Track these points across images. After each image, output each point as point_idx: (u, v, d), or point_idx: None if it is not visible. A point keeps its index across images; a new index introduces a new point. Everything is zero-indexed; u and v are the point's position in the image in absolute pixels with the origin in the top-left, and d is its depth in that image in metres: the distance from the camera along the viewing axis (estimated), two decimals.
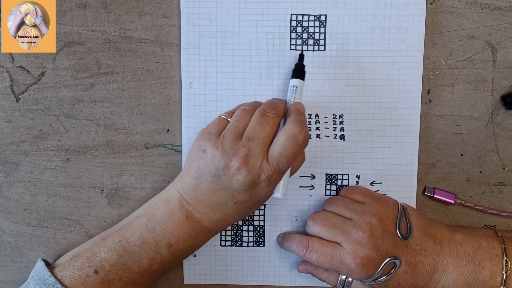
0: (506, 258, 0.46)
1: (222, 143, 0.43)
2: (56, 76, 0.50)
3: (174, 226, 0.44)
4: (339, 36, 0.50)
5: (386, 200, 0.48)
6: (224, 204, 0.44)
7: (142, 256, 0.44)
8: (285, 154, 0.43)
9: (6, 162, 0.51)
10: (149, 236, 0.44)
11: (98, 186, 0.52)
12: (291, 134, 0.43)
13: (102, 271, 0.43)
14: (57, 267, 0.45)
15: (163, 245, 0.44)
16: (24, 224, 0.52)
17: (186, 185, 0.45)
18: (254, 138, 0.43)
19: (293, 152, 0.43)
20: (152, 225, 0.45)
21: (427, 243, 0.46)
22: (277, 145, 0.43)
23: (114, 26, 0.50)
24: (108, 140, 0.51)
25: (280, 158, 0.43)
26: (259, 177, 0.43)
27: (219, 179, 0.43)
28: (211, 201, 0.44)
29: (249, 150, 0.42)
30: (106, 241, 0.45)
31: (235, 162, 0.42)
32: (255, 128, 0.43)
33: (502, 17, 0.49)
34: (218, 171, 0.43)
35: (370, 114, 0.50)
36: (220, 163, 0.43)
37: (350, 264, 0.44)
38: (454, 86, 0.50)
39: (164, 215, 0.45)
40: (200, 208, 0.44)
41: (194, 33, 0.50)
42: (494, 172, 0.51)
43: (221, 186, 0.43)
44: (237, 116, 0.45)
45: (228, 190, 0.43)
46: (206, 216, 0.45)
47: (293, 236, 0.48)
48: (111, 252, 0.44)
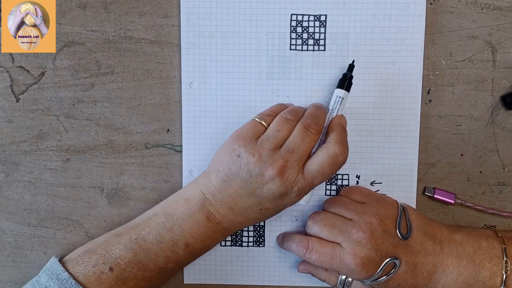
0: (506, 258, 0.46)
1: (259, 150, 0.43)
2: (56, 76, 0.50)
3: (193, 226, 0.44)
4: (339, 36, 0.50)
5: (386, 200, 0.48)
6: (249, 209, 0.44)
7: (159, 255, 0.44)
8: (322, 172, 0.43)
9: (6, 162, 0.51)
10: (167, 235, 0.44)
11: (98, 186, 0.52)
12: (332, 154, 0.43)
13: (117, 269, 0.43)
14: (68, 263, 0.45)
15: (180, 244, 0.44)
16: (24, 224, 0.52)
17: (212, 185, 0.44)
18: (293, 151, 0.43)
19: (331, 171, 0.44)
20: (170, 224, 0.45)
21: (427, 243, 0.46)
22: (315, 162, 0.43)
23: (114, 26, 0.50)
24: (108, 140, 0.51)
25: (316, 175, 0.43)
26: (292, 190, 0.43)
27: (250, 185, 0.43)
28: (236, 204, 0.44)
29: (287, 162, 0.43)
30: (121, 238, 0.45)
31: (270, 172, 0.42)
32: (296, 141, 0.43)
33: (502, 17, 0.49)
34: (251, 178, 0.43)
35: (370, 114, 0.50)
36: (255, 170, 0.42)
37: (350, 264, 0.44)
38: (454, 86, 0.50)
39: (184, 214, 0.45)
40: (223, 210, 0.44)
41: (194, 33, 0.50)
42: (494, 172, 0.51)
43: (250, 192, 0.43)
44: (278, 126, 0.44)
45: (256, 197, 0.43)
46: (228, 218, 0.45)
47: (293, 236, 0.48)
48: (127, 250, 0.44)
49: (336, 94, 0.48)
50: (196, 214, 0.45)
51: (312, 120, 0.45)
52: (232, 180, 0.43)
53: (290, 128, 0.44)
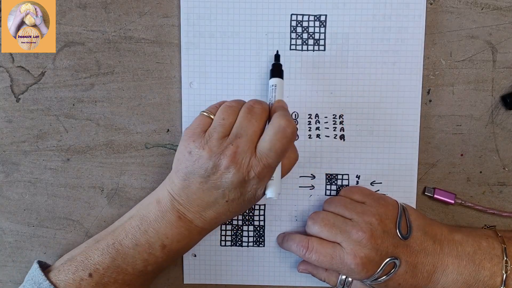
0: (506, 258, 0.46)
1: (208, 143, 0.42)
2: (56, 76, 0.50)
3: (167, 227, 0.44)
4: (339, 36, 0.50)
5: (386, 200, 0.48)
6: (216, 203, 0.44)
7: (136, 258, 0.44)
8: (274, 149, 0.42)
9: (6, 162, 0.51)
10: (142, 238, 0.44)
11: (98, 186, 0.52)
12: (278, 127, 0.42)
13: (97, 274, 0.43)
14: (52, 271, 0.45)
15: (156, 246, 0.44)
16: (24, 224, 0.52)
17: (176, 186, 0.44)
18: (242, 135, 0.42)
19: (282, 146, 0.42)
20: (145, 227, 0.45)
21: (427, 243, 0.46)
22: (265, 140, 0.42)
23: (114, 26, 0.50)
24: (108, 140, 0.51)
25: (269, 153, 0.42)
26: (248, 174, 0.42)
27: (208, 179, 0.43)
28: (202, 200, 0.44)
29: (237, 147, 0.42)
30: (99, 244, 0.45)
31: (223, 161, 0.42)
32: (242, 124, 0.43)
33: (502, 17, 0.49)
34: (207, 172, 0.42)
35: (370, 114, 0.50)
36: (208, 164, 0.42)
37: (350, 264, 0.44)
38: (454, 86, 0.50)
39: (156, 216, 0.45)
40: (192, 208, 0.44)
41: (194, 33, 0.50)
42: (494, 172, 0.51)
43: (211, 186, 0.43)
44: (223, 114, 0.44)
45: (218, 189, 0.43)
46: (199, 215, 0.45)
47: (293, 236, 0.48)
48: (105, 255, 0.44)
49: (270, 84, 0.48)
50: (168, 215, 0.44)
51: (254, 101, 0.44)
52: (191, 178, 0.43)
53: (234, 114, 0.44)
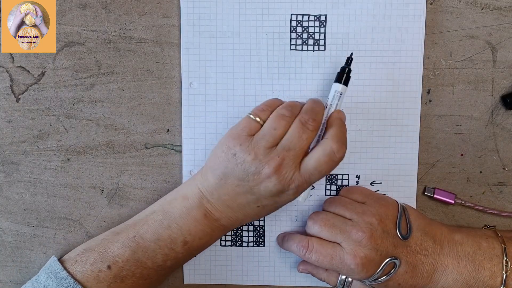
0: (506, 258, 0.46)
1: (255, 149, 0.42)
2: (56, 76, 0.50)
3: (191, 224, 0.44)
4: (339, 36, 0.50)
5: (386, 200, 0.48)
6: (247, 206, 0.44)
7: (157, 253, 0.44)
8: (319, 169, 0.43)
9: (6, 162, 0.51)
10: (165, 233, 0.44)
11: (98, 186, 0.52)
12: (329, 151, 0.42)
13: (115, 267, 0.43)
14: (67, 261, 0.45)
15: (178, 242, 0.44)
16: (24, 224, 0.52)
17: (209, 184, 0.44)
18: (290, 149, 0.42)
19: (328, 168, 0.43)
20: (168, 222, 0.44)
21: (427, 243, 0.46)
22: (312, 159, 0.43)
23: (114, 26, 0.50)
24: (108, 140, 0.51)
25: (313, 172, 0.43)
26: (289, 187, 0.43)
27: (247, 183, 0.43)
28: (233, 202, 0.44)
29: (283, 160, 0.42)
30: (119, 236, 0.45)
31: (267, 170, 0.42)
32: (292, 139, 0.43)
33: (502, 17, 0.49)
34: (247, 176, 0.42)
35: (370, 114, 0.50)
36: (251, 169, 0.42)
37: (350, 264, 0.44)
38: (454, 86, 0.50)
39: (182, 212, 0.45)
40: (221, 208, 0.44)
41: (194, 33, 0.50)
42: (494, 172, 0.51)
43: (247, 190, 0.43)
44: (274, 123, 0.43)
45: (253, 194, 0.43)
46: (226, 215, 0.45)
47: (293, 236, 0.48)
48: (125, 248, 0.44)
49: (334, 89, 0.47)
50: (194, 211, 0.44)
51: (309, 116, 0.44)
52: (228, 178, 0.43)
53: (286, 125, 0.43)
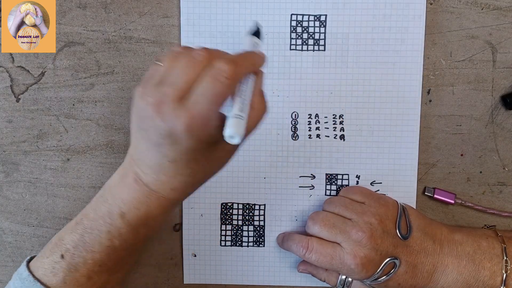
0: (506, 258, 0.46)
1: (144, 91, 0.37)
2: (56, 76, 0.50)
3: (123, 191, 0.40)
4: (339, 36, 0.50)
5: (386, 200, 0.48)
6: (161, 163, 0.38)
7: (100, 231, 0.41)
8: (205, 93, 0.35)
9: (6, 162, 0.51)
10: (103, 208, 0.41)
11: (98, 186, 0.52)
12: (214, 70, 0.35)
13: (67, 255, 0.41)
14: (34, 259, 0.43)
15: (115, 214, 0.41)
16: (24, 224, 0.52)
17: (132, 145, 0.41)
18: (172, 83, 0.36)
19: (215, 90, 0.35)
20: (106, 195, 0.41)
21: (427, 243, 0.46)
22: (196, 86, 0.36)
23: (114, 26, 0.50)
24: (108, 140, 0.51)
25: (199, 99, 0.35)
26: (175, 127, 0.35)
27: (144, 133, 0.37)
28: (150, 160, 0.39)
29: (163, 95, 0.35)
30: (71, 223, 0.43)
31: (148, 111, 0.36)
32: (177, 71, 0.36)
33: (502, 17, 0.49)
34: (141, 123, 0.37)
35: (370, 114, 0.50)
36: (140, 113, 0.37)
37: (350, 264, 0.44)
38: (454, 86, 0.50)
39: (116, 181, 0.41)
40: (145, 169, 0.40)
41: (194, 33, 0.50)
42: (494, 172, 0.51)
43: (149, 142, 0.38)
44: (165, 60, 0.38)
45: (155, 145, 0.37)
46: (151, 178, 0.40)
47: (293, 236, 0.48)
48: (74, 233, 0.41)
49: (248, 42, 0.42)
50: (126, 178, 0.41)
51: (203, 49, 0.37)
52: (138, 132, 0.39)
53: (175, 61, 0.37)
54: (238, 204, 0.52)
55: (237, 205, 0.52)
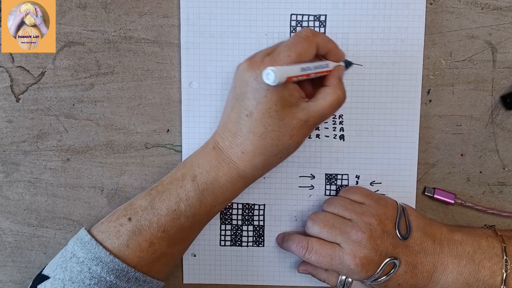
0: (506, 257, 0.46)
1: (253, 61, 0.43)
2: (56, 76, 0.50)
3: (200, 156, 0.45)
4: (339, 36, 0.50)
5: (386, 201, 0.48)
6: (239, 119, 0.43)
7: (170, 194, 0.44)
8: (286, 45, 0.42)
9: (6, 162, 0.51)
10: (179, 172, 0.45)
11: (98, 186, 0.52)
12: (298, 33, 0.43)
13: (135, 217, 0.43)
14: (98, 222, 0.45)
15: (188, 177, 0.44)
16: (24, 224, 0.52)
17: (221, 122, 0.46)
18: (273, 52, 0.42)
19: (294, 40, 0.42)
20: (185, 163, 0.45)
21: (426, 243, 0.46)
22: (283, 43, 0.43)
23: (114, 26, 0.50)
24: (108, 140, 0.51)
25: (280, 49, 0.42)
26: (258, 70, 0.41)
27: (233, 91, 0.44)
28: (230, 122, 0.43)
29: (256, 54, 0.43)
30: (145, 191, 0.45)
31: (242, 66, 0.42)
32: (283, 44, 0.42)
33: (502, 17, 0.49)
34: (234, 82, 0.44)
35: (370, 114, 0.50)
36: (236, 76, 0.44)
37: (349, 264, 0.44)
38: (454, 86, 0.50)
39: (198, 151, 0.46)
40: (224, 135, 0.44)
41: (194, 33, 0.50)
42: (494, 172, 0.51)
43: (235, 97, 0.43)
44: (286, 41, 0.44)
45: (238, 99, 0.43)
46: (228, 142, 0.43)
47: (293, 237, 0.48)
48: (146, 197, 0.44)
49: None
50: (206, 146, 0.45)
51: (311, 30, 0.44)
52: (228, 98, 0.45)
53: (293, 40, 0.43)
54: (238, 204, 0.52)
55: (236, 205, 0.52)
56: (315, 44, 0.42)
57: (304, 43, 0.42)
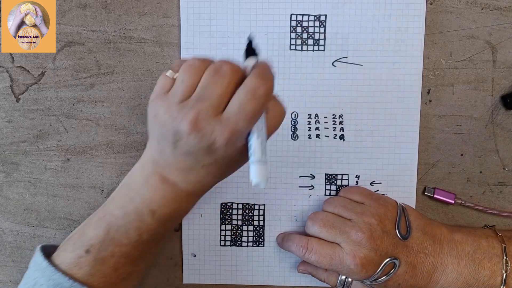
0: (506, 258, 0.46)
1: (169, 107, 0.38)
2: (56, 76, 0.50)
3: (151, 192, 0.41)
4: (339, 36, 0.50)
5: (386, 201, 0.48)
6: (193, 168, 0.40)
7: (128, 228, 0.42)
8: (242, 111, 0.37)
9: (6, 162, 0.51)
10: (131, 206, 0.42)
11: (98, 186, 0.52)
12: (250, 87, 0.37)
13: (93, 249, 0.42)
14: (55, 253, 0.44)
15: (145, 213, 0.42)
16: (24, 224, 0.52)
17: (154, 149, 0.41)
18: (205, 99, 0.37)
19: (253, 108, 0.37)
20: (131, 194, 0.42)
21: (426, 243, 0.46)
22: (234, 103, 0.37)
23: (114, 26, 0.50)
24: (108, 140, 0.51)
25: (238, 116, 0.37)
26: (215, 143, 0.37)
27: (176, 145, 0.38)
28: (179, 164, 0.40)
29: (198, 113, 0.37)
30: (92, 219, 0.43)
31: (184, 127, 0.37)
32: (206, 87, 0.37)
33: (502, 17, 0.49)
34: (173, 138, 0.38)
35: (370, 114, 0.50)
36: (172, 129, 0.38)
37: (349, 264, 0.44)
38: (454, 86, 0.50)
39: (140, 181, 0.42)
40: (172, 171, 0.41)
41: (194, 33, 0.50)
42: (494, 172, 0.51)
43: (181, 152, 0.39)
44: (183, 75, 0.39)
45: (189, 155, 0.39)
46: (180, 179, 0.41)
47: (293, 237, 0.48)
48: (98, 229, 0.42)
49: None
50: (151, 179, 0.41)
51: (223, 62, 0.38)
52: (162, 143, 0.39)
53: (197, 75, 0.38)
54: (238, 204, 0.52)
55: (236, 205, 0.52)
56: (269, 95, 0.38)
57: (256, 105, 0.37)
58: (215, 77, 0.38)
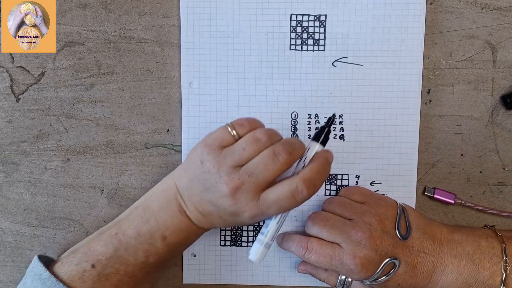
0: (505, 258, 0.46)
1: (220, 163, 0.41)
2: (56, 76, 0.50)
3: (168, 218, 0.44)
4: (339, 36, 0.50)
5: (385, 201, 0.48)
6: (212, 214, 0.44)
7: (138, 248, 0.44)
8: (278, 204, 0.41)
9: (6, 162, 0.51)
10: (145, 228, 0.44)
11: (98, 186, 0.52)
12: (294, 188, 0.41)
13: (99, 265, 0.43)
14: (56, 264, 0.45)
15: (157, 237, 0.44)
16: (24, 224, 0.52)
17: (182, 182, 0.44)
18: (252, 175, 0.41)
19: (288, 206, 0.42)
20: (147, 216, 0.44)
21: (426, 243, 0.46)
22: (274, 192, 0.41)
23: (114, 26, 0.50)
24: (108, 140, 0.51)
25: (272, 206, 0.42)
26: (243, 213, 0.42)
27: (208, 192, 0.42)
28: (200, 206, 0.44)
29: (242, 184, 0.41)
30: (103, 235, 0.45)
31: (224, 189, 0.41)
32: (259, 165, 0.41)
33: (502, 17, 0.49)
34: (209, 187, 0.42)
35: (370, 114, 0.50)
36: (212, 181, 0.42)
37: (349, 264, 0.44)
38: (454, 86, 0.50)
39: (160, 206, 0.45)
40: (191, 208, 0.44)
41: (194, 33, 0.50)
42: (494, 172, 0.51)
43: (209, 199, 0.43)
44: (246, 144, 0.42)
45: (214, 205, 0.43)
46: (195, 216, 0.44)
47: (293, 237, 0.48)
48: (108, 246, 0.44)
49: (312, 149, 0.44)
50: (171, 205, 0.44)
51: (284, 148, 0.42)
52: (195, 182, 0.43)
53: (258, 150, 0.42)
54: None
55: None
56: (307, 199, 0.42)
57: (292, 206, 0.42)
58: (271, 160, 0.41)
